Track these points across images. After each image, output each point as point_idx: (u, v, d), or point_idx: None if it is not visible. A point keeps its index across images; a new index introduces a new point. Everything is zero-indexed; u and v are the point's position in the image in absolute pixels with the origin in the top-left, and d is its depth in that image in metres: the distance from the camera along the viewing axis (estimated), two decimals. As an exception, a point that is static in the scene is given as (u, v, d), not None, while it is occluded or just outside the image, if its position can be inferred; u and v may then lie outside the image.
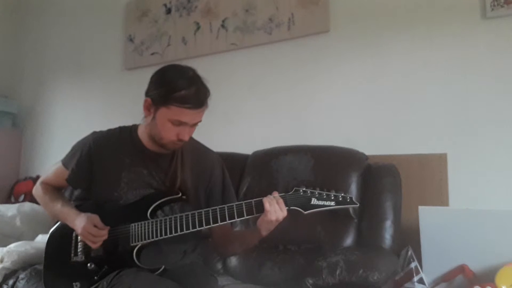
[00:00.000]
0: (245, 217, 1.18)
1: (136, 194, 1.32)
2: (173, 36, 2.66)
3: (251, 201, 1.18)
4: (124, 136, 1.37)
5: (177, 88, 1.18)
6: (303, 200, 1.16)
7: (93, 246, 1.25)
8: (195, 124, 1.26)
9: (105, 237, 1.25)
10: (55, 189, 1.47)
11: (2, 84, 3.40)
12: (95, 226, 1.24)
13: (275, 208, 1.15)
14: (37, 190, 1.46)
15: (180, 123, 1.21)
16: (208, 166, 1.39)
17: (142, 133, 1.35)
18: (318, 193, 1.17)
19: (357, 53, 2.07)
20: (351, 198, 1.18)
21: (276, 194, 1.18)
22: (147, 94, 1.26)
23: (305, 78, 2.21)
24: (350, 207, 1.19)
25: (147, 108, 1.25)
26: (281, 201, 1.16)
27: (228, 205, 1.20)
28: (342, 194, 1.18)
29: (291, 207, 1.17)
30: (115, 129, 1.42)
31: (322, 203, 1.16)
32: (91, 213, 1.28)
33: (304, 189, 1.18)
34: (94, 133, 1.41)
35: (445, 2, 1.89)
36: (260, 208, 1.17)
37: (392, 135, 1.95)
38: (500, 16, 1.77)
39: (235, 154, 2.04)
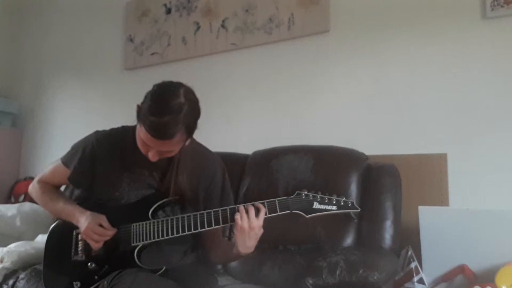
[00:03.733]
0: None
1: (138, 194, 1.32)
2: (173, 36, 2.66)
3: (254, 204, 1.18)
4: (126, 137, 1.37)
5: (151, 112, 1.12)
6: (305, 204, 1.17)
7: (95, 246, 1.25)
8: (165, 152, 1.20)
9: (109, 237, 1.25)
10: (54, 188, 1.46)
11: (2, 84, 3.40)
12: (101, 225, 1.24)
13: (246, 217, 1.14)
14: (34, 189, 1.45)
15: (146, 144, 1.18)
16: (209, 170, 1.38)
17: None
18: (320, 197, 1.17)
19: (357, 53, 2.07)
20: (352, 202, 1.19)
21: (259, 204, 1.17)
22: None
23: (305, 78, 2.21)
24: (351, 211, 1.19)
25: (136, 112, 1.22)
26: (252, 210, 1.15)
27: (230, 207, 1.20)
28: (344, 199, 1.18)
29: (293, 211, 1.17)
30: (117, 128, 1.41)
31: (324, 207, 1.17)
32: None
33: (306, 192, 1.18)
34: (97, 132, 1.40)
35: (445, 2, 1.89)
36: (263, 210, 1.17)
37: (392, 135, 1.95)
38: (500, 16, 1.77)
39: (235, 154, 2.04)
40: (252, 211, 1.15)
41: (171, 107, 1.12)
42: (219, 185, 1.39)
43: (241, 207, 1.16)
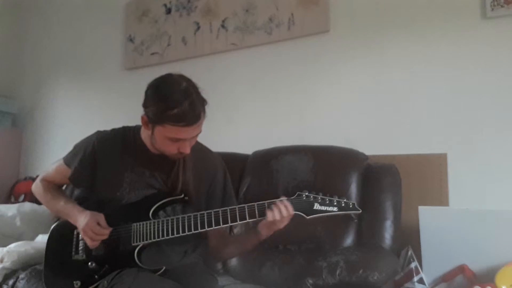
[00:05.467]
0: (247, 220, 1.18)
1: (138, 194, 1.32)
2: (173, 36, 2.66)
3: (254, 204, 1.18)
4: (127, 137, 1.37)
5: (169, 106, 1.14)
6: (306, 205, 1.17)
7: (91, 244, 1.25)
8: (195, 138, 1.24)
9: (106, 237, 1.25)
10: (56, 187, 1.46)
11: (2, 84, 3.40)
12: (99, 224, 1.25)
13: (280, 212, 1.16)
14: (37, 187, 1.46)
15: (178, 140, 1.20)
16: (210, 169, 1.39)
17: (145, 136, 1.34)
18: (321, 198, 1.17)
19: (357, 53, 2.07)
20: (353, 204, 1.18)
21: (283, 198, 1.18)
22: (144, 108, 1.23)
23: (305, 78, 2.21)
24: (352, 213, 1.19)
25: (145, 124, 1.25)
26: (286, 204, 1.16)
27: (230, 207, 1.20)
28: (345, 200, 1.18)
29: (294, 212, 1.17)
30: (119, 129, 1.41)
31: (325, 209, 1.16)
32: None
33: (307, 193, 1.18)
34: (98, 132, 1.41)
35: (445, 2, 1.89)
36: (262, 212, 1.17)
37: (392, 135, 1.95)
38: (500, 16, 1.77)
39: (235, 154, 2.04)
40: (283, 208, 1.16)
41: (182, 93, 1.16)
42: (221, 184, 1.39)
43: (278, 202, 1.17)
